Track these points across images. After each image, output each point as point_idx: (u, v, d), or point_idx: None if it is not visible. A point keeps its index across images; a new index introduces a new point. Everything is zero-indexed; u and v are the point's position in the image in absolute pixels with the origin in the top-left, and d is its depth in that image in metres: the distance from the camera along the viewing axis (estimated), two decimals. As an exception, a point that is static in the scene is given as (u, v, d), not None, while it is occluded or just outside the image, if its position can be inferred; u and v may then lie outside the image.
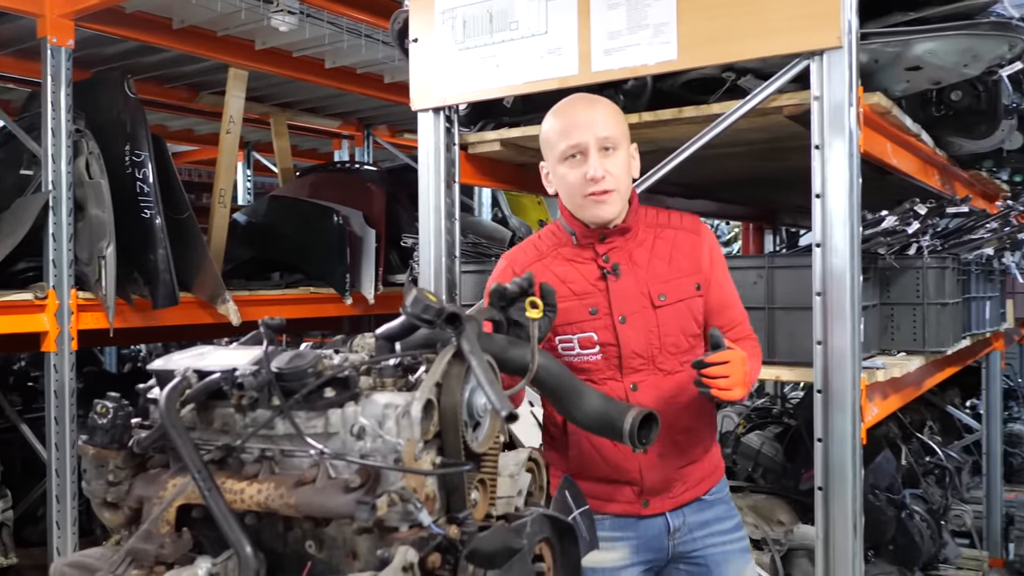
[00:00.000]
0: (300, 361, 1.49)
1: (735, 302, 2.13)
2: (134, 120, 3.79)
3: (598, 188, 1.97)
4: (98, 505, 1.63)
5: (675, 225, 2.10)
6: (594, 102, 2.07)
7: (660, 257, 2.06)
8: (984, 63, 2.28)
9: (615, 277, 2.04)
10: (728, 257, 2.37)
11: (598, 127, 1.98)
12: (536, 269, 2.09)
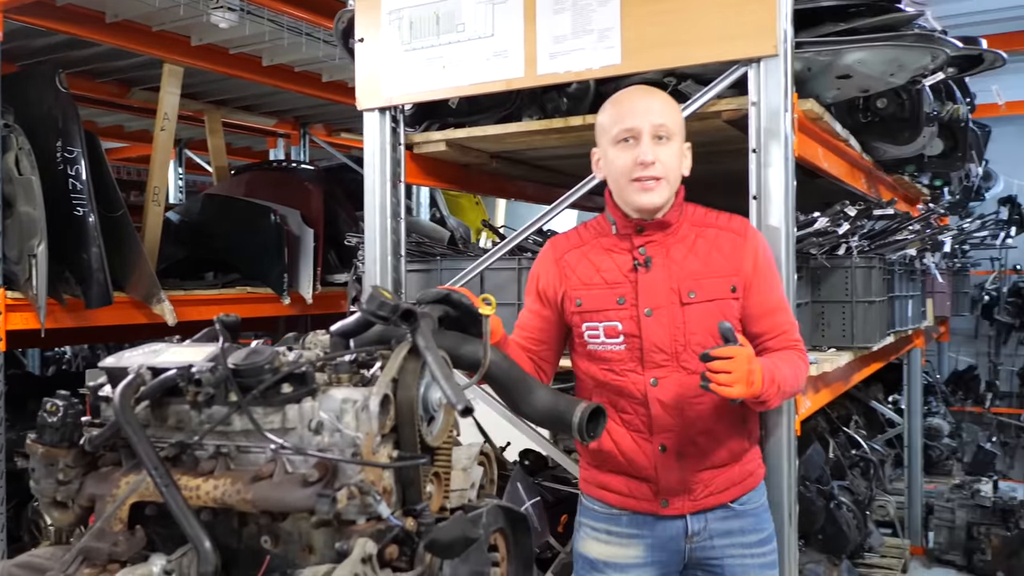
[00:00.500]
0: (257, 357, 1.50)
1: (780, 308, 2.05)
2: (66, 116, 3.70)
3: (646, 173, 1.95)
4: (47, 504, 1.61)
5: (720, 225, 2.06)
6: (653, 92, 2.06)
7: (698, 255, 2.02)
8: (909, 73, 2.39)
9: (645, 269, 2.01)
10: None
11: (654, 114, 1.96)
12: (574, 256, 2.10)
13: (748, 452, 2.12)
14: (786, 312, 2.06)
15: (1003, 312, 7.40)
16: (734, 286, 2.00)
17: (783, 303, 2.07)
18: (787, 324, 2.04)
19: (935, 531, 5.20)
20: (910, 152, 3.31)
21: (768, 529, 2.12)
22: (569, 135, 2.63)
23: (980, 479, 5.35)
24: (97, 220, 3.65)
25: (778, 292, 2.06)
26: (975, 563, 4.95)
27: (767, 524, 2.13)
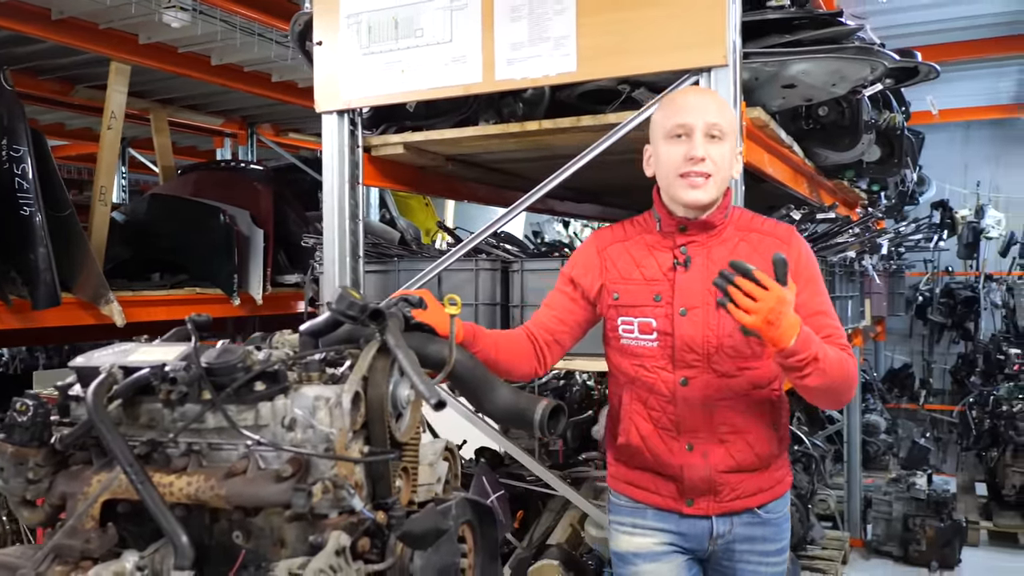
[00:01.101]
0: (229, 356, 1.52)
1: (823, 313, 1.98)
2: (11, 114, 3.65)
3: (695, 169, 1.93)
4: (16, 503, 1.61)
5: (765, 230, 2.04)
6: (709, 93, 2.09)
7: (739, 258, 1.90)
8: (850, 83, 2.50)
9: (684, 269, 2.00)
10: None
11: (709, 113, 1.95)
12: (616, 250, 2.10)
13: (778, 459, 2.09)
14: (830, 317, 1.99)
15: (936, 312, 7.68)
16: None
17: (827, 309, 2.00)
18: (831, 329, 1.97)
19: (873, 523, 5.39)
20: (850, 158, 3.45)
21: (785, 539, 2.12)
22: (525, 139, 2.69)
23: (915, 473, 5.56)
24: (44, 220, 3.61)
25: (821, 298, 2.01)
26: (911, 553, 5.15)
27: (785, 534, 2.12)
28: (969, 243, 7.40)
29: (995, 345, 7.19)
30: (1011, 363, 6.43)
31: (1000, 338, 7.30)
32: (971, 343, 7.72)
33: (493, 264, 2.87)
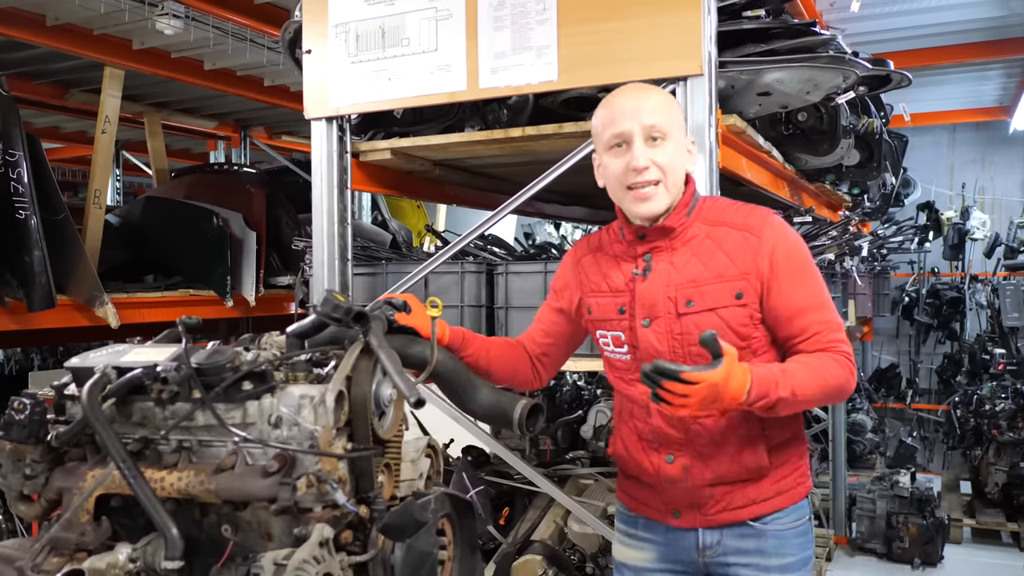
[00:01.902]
0: (218, 357, 1.60)
1: (811, 308, 1.83)
2: (7, 119, 3.70)
3: (640, 179, 1.83)
4: (14, 498, 1.68)
5: (733, 223, 1.89)
6: (643, 91, 1.92)
7: (701, 259, 1.88)
8: (823, 91, 2.58)
9: (643, 278, 1.91)
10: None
11: (644, 114, 1.83)
12: (586, 261, 2.04)
13: (776, 470, 1.95)
14: (819, 311, 1.84)
15: (922, 313, 7.76)
16: (740, 292, 1.84)
17: (815, 302, 1.85)
18: (819, 325, 1.83)
19: (857, 521, 5.47)
20: (830, 162, 3.52)
21: (795, 555, 1.96)
22: (508, 145, 2.75)
23: (899, 471, 5.64)
24: (39, 223, 3.66)
25: (808, 291, 1.85)
26: (894, 550, 5.22)
27: (794, 550, 1.96)
28: (954, 244, 7.49)
29: (980, 345, 7.28)
30: (995, 363, 6.51)
31: (985, 338, 7.39)
32: (957, 343, 7.81)
33: (478, 267, 2.94)
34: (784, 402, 1.72)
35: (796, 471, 1.99)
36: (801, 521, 1.99)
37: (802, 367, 1.78)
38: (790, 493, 1.97)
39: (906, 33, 5.42)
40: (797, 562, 1.96)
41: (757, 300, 1.85)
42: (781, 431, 1.95)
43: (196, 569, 1.60)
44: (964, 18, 5.19)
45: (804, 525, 2.00)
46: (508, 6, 2.48)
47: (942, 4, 4.93)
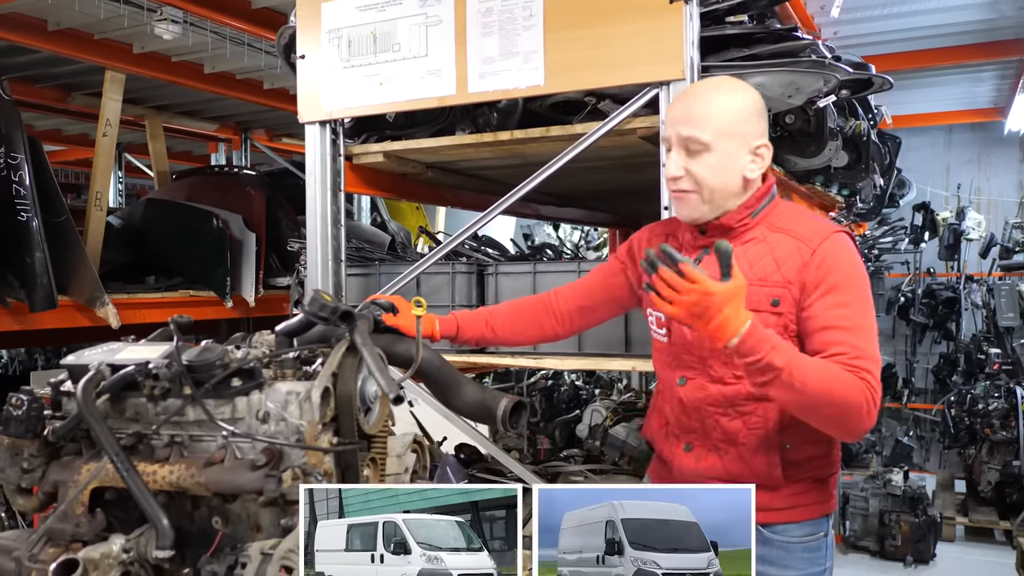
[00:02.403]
0: (208, 354, 1.66)
1: (843, 328, 1.76)
2: (9, 122, 3.77)
3: (674, 187, 1.89)
4: (12, 491, 1.74)
5: (792, 231, 1.87)
6: (699, 97, 1.90)
7: (748, 259, 1.87)
8: (805, 95, 2.62)
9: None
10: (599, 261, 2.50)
11: (683, 124, 1.84)
12: (657, 240, 2.06)
13: (793, 485, 1.91)
14: (851, 333, 1.75)
15: (918, 313, 7.80)
16: (776, 299, 1.82)
17: (849, 324, 1.76)
18: (846, 346, 1.74)
19: (850, 519, 5.52)
20: (818, 164, 3.56)
21: (798, 569, 1.92)
22: (498, 148, 2.80)
23: (892, 470, 5.68)
24: (41, 225, 3.72)
25: (844, 310, 1.77)
26: (886, 548, 5.28)
27: (799, 564, 1.92)
28: (950, 245, 7.54)
29: (976, 345, 7.32)
30: (991, 362, 6.55)
31: (981, 338, 7.44)
32: (953, 343, 7.85)
33: (469, 267, 3.00)
34: (777, 377, 1.67)
35: (817, 490, 1.95)
36: (814, 537, 1.94)
37: (813, 360, 1.73)
38: (806, 509, 1.94)
39: (900, 35, 5.47)
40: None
41: (794, 311, 1.82)
42: (805, 449, 1.91)
43: (187, 560, 1.66)
44: (957, 20, 5.24)
45: (817, 541, 1.95)
46: (496, 12, 2.54)
47: (934, 7, 4.98)
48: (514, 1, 2.52)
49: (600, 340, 2.76)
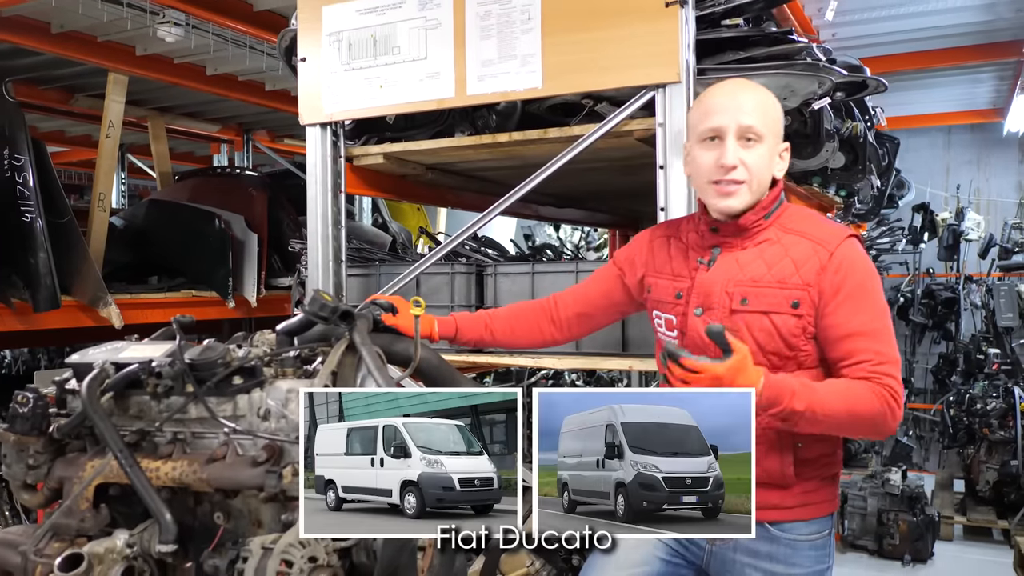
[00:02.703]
0: (211, 353, 1.69)
1: (863, 335, 1.80)
2: (13, 124, 3.81)
3: (727, 177, 1.85)
4: (17, 487, 1.78)
5: (807, 233, 1.88)
6: (746, 88, 1.92)
7: (765, 260, 1.88)
8: (800, 97, 2.65)
9: (706, 268, 1.93)
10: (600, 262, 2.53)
11: (743, 114, 1.84)
12: (658, 243, 2.08)
13: (804, 483, 1.93)
14: (872, 339, 1.80)
15: (917, 313, 7.83)
16: (796, 301, 1.83)
17: (870, 329, 1.80)
18: (870, 353, 1.78)
19: (849, 518, 5.54)
20: (815, 165, 3.59)
21: (805, 567, 1.93)
22: (497, 150, 2.84)
23: (890, 469, 5.71)
24: (44, 226, 3.77)
25: (866, 317, 1.81)
26: (884, 547, 5.30)
27: (805, 561, 1.94)
28: (949, 245, 7.56)
29: (975, 345, 7.35)
30: (990, 362, 6.58)
31: (980, 338, 7.46)
32: (952, 343, 7.87)
33: (468, 268, 3.03)
34: (800, 416, 1.71)
35: (825, 488, 1.97)
36: (820, 535, 1.96)
37: (830, 387, 1.77)
38: (815, 507, 1.95)
39: (898, 37, 5.50)
40: (806, 574, 1.94)
41: (813, 313, 1.83)
42: (815, 447, 1.93)
43: (190, 554, 1.69)
44: (955, 22, 5.27)
45: (823, 539, 1.97)
46: (494, 16, 2.57)
47: (932, 9, 5.01)
48: (512, 5, 2.55)
49: (598, 340, 2.78)
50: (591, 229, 8.37)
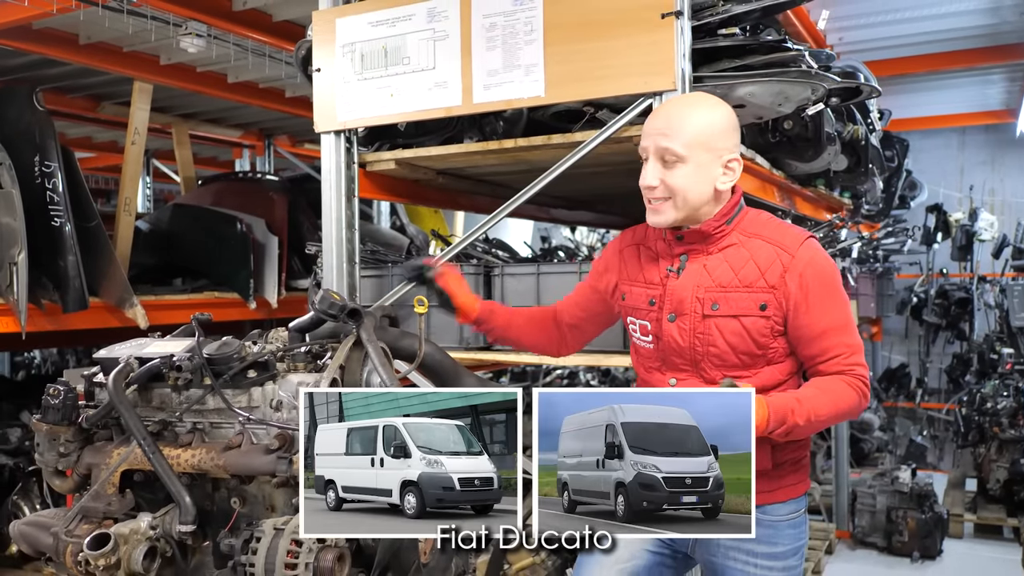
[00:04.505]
0: (227, 348, 1.82)
1: (833, 330, 1.92)
2: (43, 132, 3.95)
3: (650, 195, 1.97)
4: (49, 474, 1.92)
5: (768, 237, 1.98)
6: (676, 108, 2.01)
7: (732, 265, 1.97)
8: (794, 103, 2.73)
9: (676, 276, 2.01)
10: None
11: (662, 136, 1.93)
12: (628, 252, 2.16)
13: (778, 468, 2.02)
14: (841, 334, 1.93)
15: (931, 313, 7.85)
16: (764, 303, 1.93)
17: (838, 324, 1.94)
18: (841, 347, 1.93)
19: (858, 515, 5.59)
20: (817, 168, 3.67)
21: (785, 544, 2.03)
22: (504, 155, 2.95)
23: (900, 467, 5.76)
24: (73, 230, 3.90)
25: (833, 313, 1.93)
26: (894, 544, 5.35)
27: (786, 540, 2.04)
28: (962, 246, 7.58)
29: (989, 345, 7.36)
30: (1003, 362, 6.60)
31: (993, 338, 7.47)
32: (966, 343, 7.89)
33: (477, 269, 3.14)
34: (800, 428, 1.83)
35: (798, 471, 2.08)
36: (797, 514, 2.06)
37: (817, 393, 1.88)
38: (789, 489, 2.05)
39: (905, 40, 5.55)
40: (787, 551, 2.04)
41: (781, 314, 1.93)
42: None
43: (208, 535, 1.82)
44: (960, 25, 5.31)
45: (799, 518, 2.08)
46: (499, 28, 2.68)
47: (937, 13, 5.06)
48: (516, 17, 2.66)
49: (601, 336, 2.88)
50: (605, 231, 8.45)
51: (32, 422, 1.88)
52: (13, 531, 1.85)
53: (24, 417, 4.36)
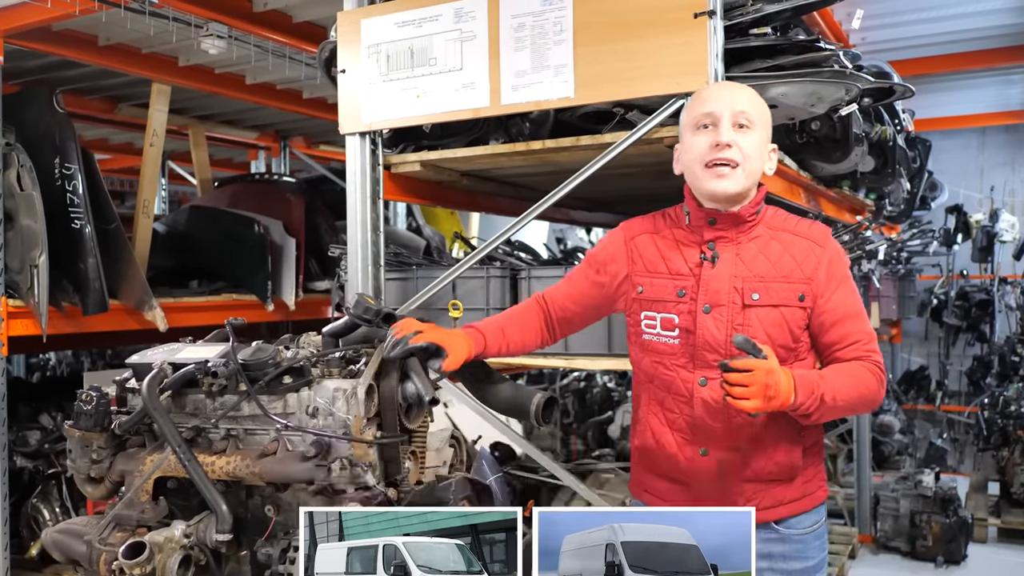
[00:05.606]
0: (262, 354, 1.80)
1: (851, 317, 1.95)
2: (63, 134, 3.95)
3: (722, 156, 1.89)
4: (82, 480, 1.90)
5: (798, 231, 1.99)
6: (738, 86, 2.03)
7: (769, 257, 1.95)
8: (827, 104, 2.70)
9: (711, 264, 1.95)
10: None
11: (737, 102, 1.93)
12: (643, 241, 2.08)
13: (805, 471, 2.01)
14: (858, 321, 1.96)
15: (951, 315, 7.78)
16: (803, 294, 1.93)
17: (856, 312, 1.97)
18: (859, 334, 1.95)
19: (881, 519, 5.53)
20: (844, 169, 3.63)
21: (815, 557, 2.02)
22: (531, 157, 2.92)
23: (923, 471, 5.70)
24: (93, 232, 3.90)
25: (851, 301, 1.97)
26: (917, 548, 5.29)
27: (815, 552, 2.03)
28: (983, 247, 7.49)
29: (1010, 347, 7.29)
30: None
31: (1015, 340, 7.39)
32: (986, 345, 7.81)
33: (503, 272, 3.11)
34: (825, 406, 1.82)
35: (818, 475, 2.06)
36: (819, 524, 2.06)
37: (838, 374, 1.89)
38: (812, 496, 2.03)
39: (927, 40, 5.49)
40: (816, 564, 2.03)
41: (812, 305, 1.94)
42: (812, 433, 2.02)
43: (243, 544, 1.80)
44: (983, 25, 5.26)
45: (822, 527, 2.06)
46: (528, 28, 2.65)
47: (960, 12, 5.01)
48: (545, 17, 2.63)
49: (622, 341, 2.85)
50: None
51: (64, 428, 1.86)
52: (45, 539, 1.83)
53: (43, 420, 4.34)
